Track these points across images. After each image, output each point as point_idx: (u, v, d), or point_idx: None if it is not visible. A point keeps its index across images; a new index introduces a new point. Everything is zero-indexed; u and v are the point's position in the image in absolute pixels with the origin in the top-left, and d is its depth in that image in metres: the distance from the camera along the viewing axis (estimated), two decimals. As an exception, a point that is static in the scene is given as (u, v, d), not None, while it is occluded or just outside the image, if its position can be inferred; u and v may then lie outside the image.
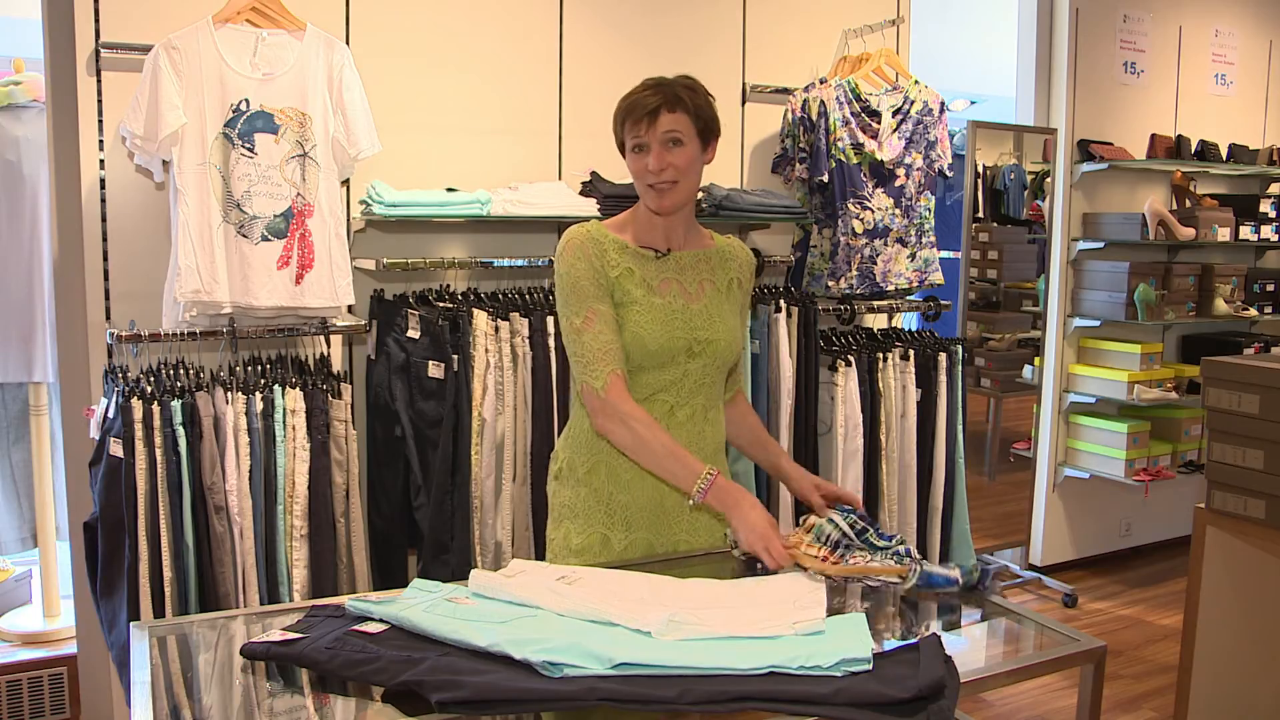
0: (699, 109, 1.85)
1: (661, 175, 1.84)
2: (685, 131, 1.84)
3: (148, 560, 2.32)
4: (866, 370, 3.23)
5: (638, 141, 1.84)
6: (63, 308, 2.79)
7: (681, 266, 1.95)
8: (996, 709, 3.34)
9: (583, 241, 1.89)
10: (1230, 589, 2.54)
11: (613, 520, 1.93)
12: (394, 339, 2.74)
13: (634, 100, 1.85)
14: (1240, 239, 4.66)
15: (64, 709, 3.08)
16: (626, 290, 1.89)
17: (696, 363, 1.91)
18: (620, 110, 1.88)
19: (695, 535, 1.96)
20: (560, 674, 1.29)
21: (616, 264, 1.89)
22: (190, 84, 2.45)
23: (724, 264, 1.99)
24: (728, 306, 1.96)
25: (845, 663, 1.32)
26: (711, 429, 1.97)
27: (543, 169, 3.15)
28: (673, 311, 1.90)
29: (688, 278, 1.94)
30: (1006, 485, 4.65)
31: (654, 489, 1.91)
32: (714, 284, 1.96)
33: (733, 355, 1.97)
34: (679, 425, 1.92)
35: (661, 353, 1.88)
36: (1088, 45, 4.44)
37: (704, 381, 1.94)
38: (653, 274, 1.92)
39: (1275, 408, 2.39)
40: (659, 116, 1.82)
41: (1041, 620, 1.68)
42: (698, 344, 1.91)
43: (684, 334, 1.90)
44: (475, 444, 2.69)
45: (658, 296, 1.90)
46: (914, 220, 3.45)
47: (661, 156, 1.83)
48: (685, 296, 1.93)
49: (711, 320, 1.93)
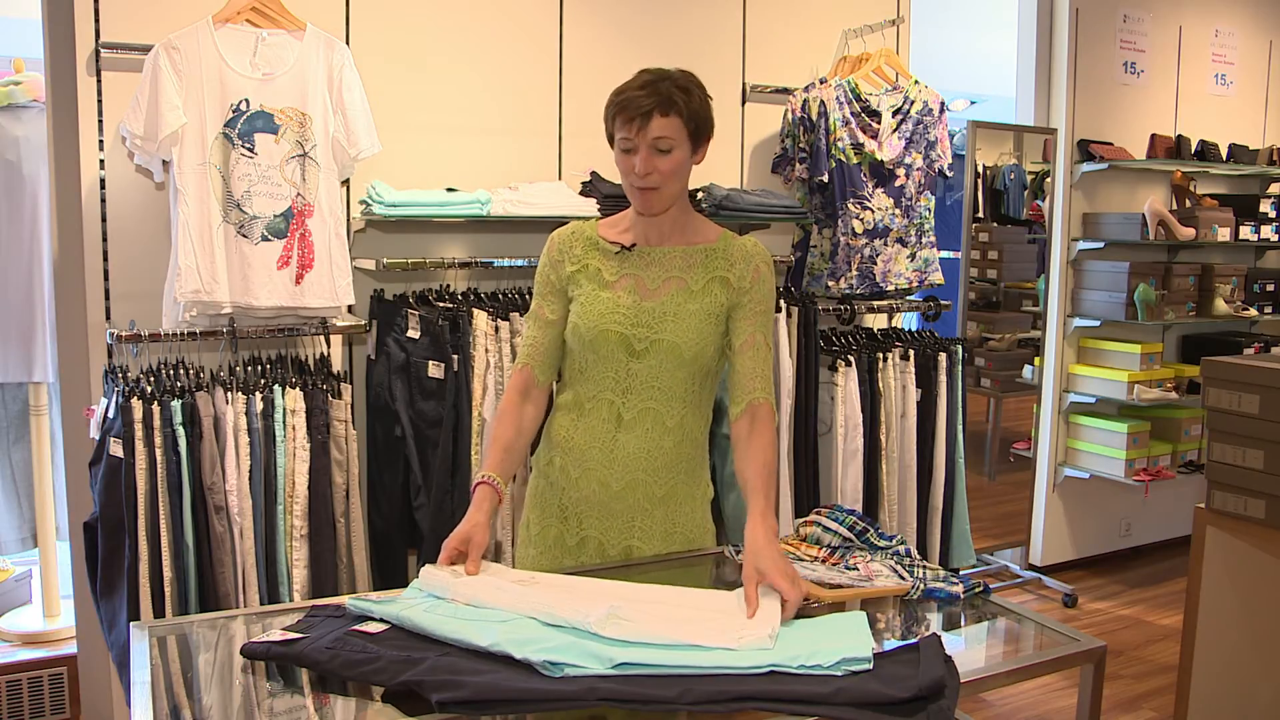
0: (693, 112, 1.80)
1: (646, 180, 1.80)
2: (676, 137, 1.78)
3: (148, 560, 2.32)
4: (866, 370, 3.23)
5: (627, 142, 1.80)
6: (63, 308, 2.79)
7: (647, 262, 1.89)
8: (996, 709, 3.34)
9: (558, 237, 1.95)
10: (1230, 589, 2.54)
11: (565, 515, 1.94)
12: (394, 339, 2.74)
13: (627, 99, 1.78)
14: (1240, 239, 4.66)
15: (64, 709, 3.08)
16: (579, 284, 1.91)
17: (641, 363, 1.85)
18: (612, 105, 1.82)
19: (646, 541, 1.90)
20: (561, 673, 1.29)
21: (577, 259, 1.91)
22: (190, 84, 2.45)
23: (711, 262, 1.88)
24: (693, 306, 1.85)
25: (846, 662, 1.32)
26: (673, 442, 1.87)
27: (543, 169, 3.15)
28: (616, 305, 1.86)
29: (651, 274, 1.88)
30: (1006, 485, 4.64)
31: (600, 488, 1.89)
32: (683, 282, 1.87)
33: (690, 358, 1.85)
34: (626, 430, 1.87)
35: (596, 345, 1.85)
36: (1088, 45, 4.44)
37: (654, 385, 1.86)
38: (610, 268, 1.89)
39: (1275, 408, 2.39)
40: (650, 121, 1.76)
41: (1041, 620, 1.68)
42: (639, 340, 1.84)
43: (621, 328, 1.84)
44: (475, 444, 2.69)
45: (607, 290, 1.88)
46: (914, 220, 3.45)
47: (648, 161, 1.78)
48: (639, 292, 1.87)
49: (662, 319, 1.85)
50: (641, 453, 1.87)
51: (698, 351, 1.85)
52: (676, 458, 1.89)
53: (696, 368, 1.87)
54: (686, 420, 1.89)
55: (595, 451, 1.88)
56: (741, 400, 1.84)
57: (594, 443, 1.89)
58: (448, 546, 1.69)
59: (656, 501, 1.89)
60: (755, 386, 1.84)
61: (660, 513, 1.89)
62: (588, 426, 1.89)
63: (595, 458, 1.88)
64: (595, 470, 1.88)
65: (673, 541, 1.91)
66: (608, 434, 1.88)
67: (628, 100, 1.78)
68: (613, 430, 1.87)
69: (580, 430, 1.90)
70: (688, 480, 1.92)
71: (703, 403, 1.92)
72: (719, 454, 3.02)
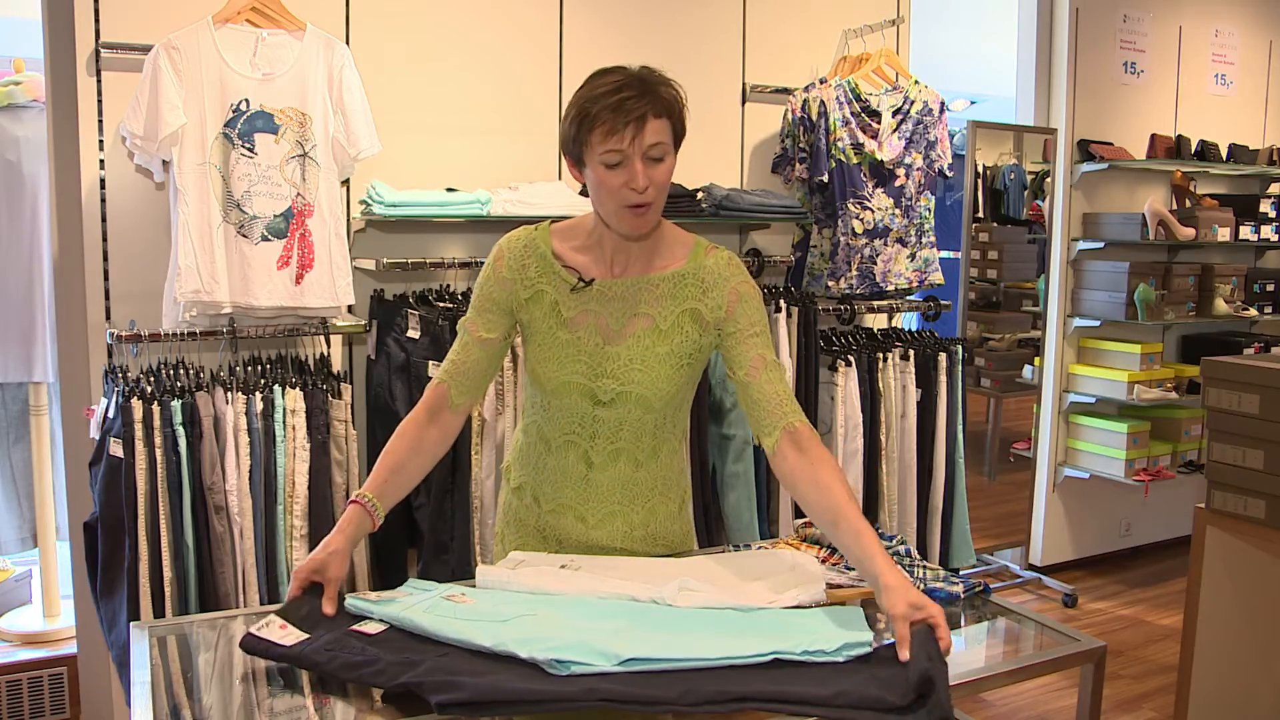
0: (679, 111, 1.60)
1: (645, 195, 1.56)
2: (667, 141, 1.58)
3: (148, 560, 2.32)
4: (866, 370, 3.23)
5: (614, 155, 1.54)
6: (63, 308, 2.79)
7: (608, 298, 1.67)
8: (996, 709, 3.34)
9: (509, 249, 1.72)
10: (1230, 589, 2.54)
11: (544, 535, 1.80)
12: (394, 339, 2.74)
13: (609, 104, 1.53)
14: (1240, 239, 4.66)
15: (64, 709, 3.08)
16: (533, 316, 1.69)
17: (609, 411, 1.68)
18: (589, 116, 1.54)
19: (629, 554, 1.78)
20: (567, 671, 1.28)
21: (530, 284, 1.69)
22: (190, 84, 2.45)
23: (681, 291, 1.67)
24: (662, 349, 1.66)
25: (848, 647, 1.36)
26: (648, 471, 1.74)
27: (543, 169, 3.15)
28: (579, 350, 1.67)
29: (612, 311, 1.67)
30: (1006, 485, 4.64)
31: (577, 521, 1.76)
32: (650, 320, 1.66)
33: (660, 406, 1.68)
34: (599, 470, 1.72)
35: (559, 394, 1.68)
36: (1088, 45, 4.44)
37: (623, 429, 1.70)
38: (569, 303, 1.68)
39: (1275, 408, 2.39)
40: (645, 126, 1.53)
41: (1041, 620, 1.68)
42: (604, 392, 1.66)
43: (585, 379, 1.67)
44: (475, 444, 2.69)
45: (565, 330, 1.67)
46: (914, 220, 3.45)
47: (647, 174, 1.55)
48: (602, 334, 1.67)
49: (629, 367, 1.66)
50: (616, 487, 1.74)
51: (669, 398, 1.69)
52: (653, 484, 1.76)
53: (669, 408, 1.72)
54: (661, 447, 1.75)
55: (569, 491, 1.75)
56: (773, 429, 1.61)
57: (566, 482, 1.75)
58: (297, 575, 1.50)
59: (636, 525, 1.78)
60: (786, 410, 1.61)
61: (640, 532, 1.79)
62: (558, 465, 1.75)
63: (569, 495, 1.75)
64: (571, 506, 1.76)
65: (655, 550, 1.81)
66: (579, 474, 1.74)
67: (613, 106, 1.52)
68: (584, 470, 1.73)
69: (550, 465, 1.76)
70: (664, 494, 1.79)
71: (678, 422, 1.78)
72: (719, 454, 3.02)
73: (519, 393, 2.76)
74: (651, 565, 1.71)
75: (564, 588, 1.56)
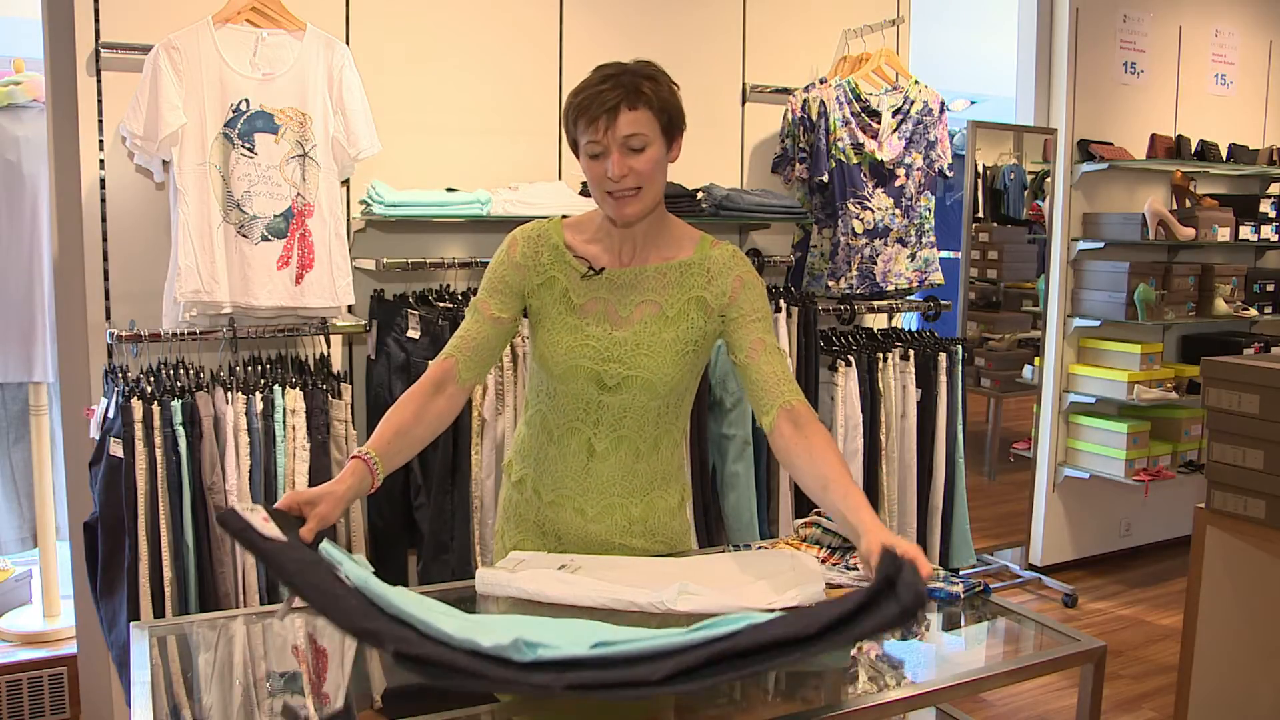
0: (663, 102, 1.63)
1: (622, 182, 1.62)
2: (648, 132, 1.61)
3: (148, 560, 2.32)
4: (866, 370, 3.23)
5: (594, 146, 1.61)
6: (63, 308, 2.79)
7: (616, 285, 1.73)
8: (996, 709, 3.34)
9: (523, 237, 1.77)
10: (1230, 589, 2.54)
11: (543, 531, 1.83)
12: (394, 339, 2.74)
13: (588, 96, 1.60)
14: (1240, 239, 4.66)
15: (64, 709, 3.08)
16: (544, 302, 1.74)
17: (614, 396, 1.72)
18: (572, 107, 1.63)
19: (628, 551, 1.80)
20: (534, 655, 1.17)
21: (543, 271, 1.74)
22: (190, 84, 2.45)
23: (687, 280, 1.73)
24: (668, 336, 1.71)
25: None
26: (648, 463, 1.78)
27: (543, 169, 3.15)
28: (587, 336, 1.71)
29: (621, 299, 1.73)
30: (1006, 485, 4.64)
31: (576, 514, 1.79)
32: (657, 306, 1.72)
33: (666, 392, 1.73)
34: (600, 459, 1.76)
35: (565, 378, 1.72)
36: (1088, 45, 4.44)
37: (627, 415, 1.74)
38: (579, 290, 1.73)
39: (1275, 408, 2.39)
40: (618, 117, 1.59)
41: (1041, 620, 1.68)
42: (610, 376, 1.71)
43: (592, 364, 1.71)
44: (475, 444, 2.69)
45: (574, 316, 1.72)
46: (914, 220, 3.45)
47: (622, 162, 1.60)
48: (610, 321, 1.72)
49: (635, 353, 1.70)
50: (616, 478, 1.77)
51: (673, 385, 1.73)
52: (652, 476, 1.80)
53: (673, 397, 1.76)
54: (662, 439, 1.79)
55: (569, 481, 1.78)
56: (770, 408, 1.66)
57: (567, 472, 1.78)
58: (288, 496, 1.49)
59: (635, 519, 1.80)
60: (783, 390, 1.66)
61: (639, 527, 1.81)
62: (560, 454, 1.78)
63: (570, 486, 1.78)
64: (571, 498, 1.78)
65: (654, 546, 1.83)
66: (580, 464, 1.77)
67: (589, 98, 1.60)
68: (585, 460, 1.76)
69: (552, 455, 1.79)
70: (663, 488, 1.82)
71: (680, 415, 1.82)
72: (719, 454, 3.02)
73: (519, 393, 2.76)
74: (651, 566, 1.71)
75: (563, 592, 1.55)
